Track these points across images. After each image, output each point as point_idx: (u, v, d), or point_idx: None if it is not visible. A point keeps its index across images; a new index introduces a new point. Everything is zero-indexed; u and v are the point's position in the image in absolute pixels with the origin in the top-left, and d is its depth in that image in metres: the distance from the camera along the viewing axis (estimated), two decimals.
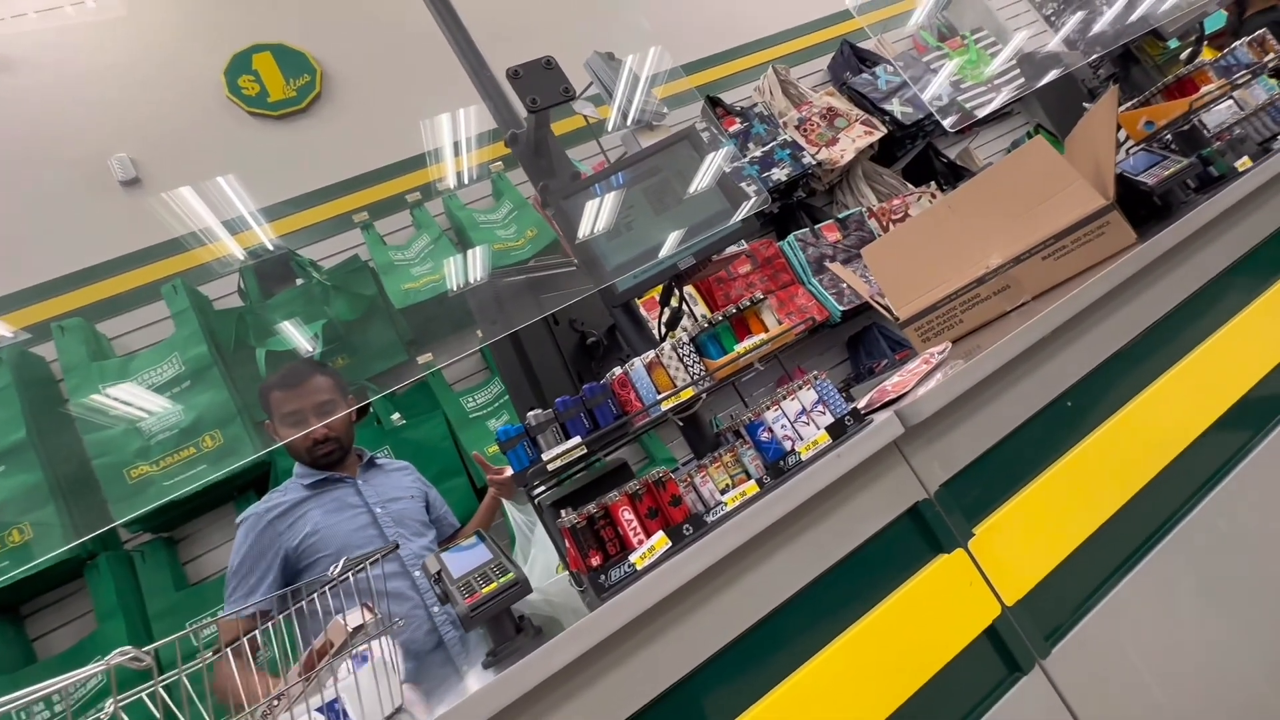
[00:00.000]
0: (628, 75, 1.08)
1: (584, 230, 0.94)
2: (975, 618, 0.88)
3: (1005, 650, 0.88)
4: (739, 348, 0.90)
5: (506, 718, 0.69)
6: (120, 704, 0.70)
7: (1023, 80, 3.55)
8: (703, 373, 0.90)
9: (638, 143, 1.03)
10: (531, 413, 0.82)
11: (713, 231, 0.93)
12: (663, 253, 0.93)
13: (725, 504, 0.84)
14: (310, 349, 2.14)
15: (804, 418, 0.90)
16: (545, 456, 0.78)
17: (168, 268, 2.40)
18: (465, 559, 0.81)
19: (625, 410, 0.85)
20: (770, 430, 0.89)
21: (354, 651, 0.75)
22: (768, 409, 0.90)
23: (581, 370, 1.05)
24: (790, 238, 2.70)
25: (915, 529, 0.91)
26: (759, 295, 0.94)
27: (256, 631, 0.76)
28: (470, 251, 2.39)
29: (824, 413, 0.91)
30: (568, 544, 0.84)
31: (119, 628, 1.85)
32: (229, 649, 0.74)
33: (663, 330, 1.06)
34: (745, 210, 0.91)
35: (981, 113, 3.45)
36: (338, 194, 2.65)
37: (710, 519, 0.82)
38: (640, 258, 0.92)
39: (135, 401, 2.01)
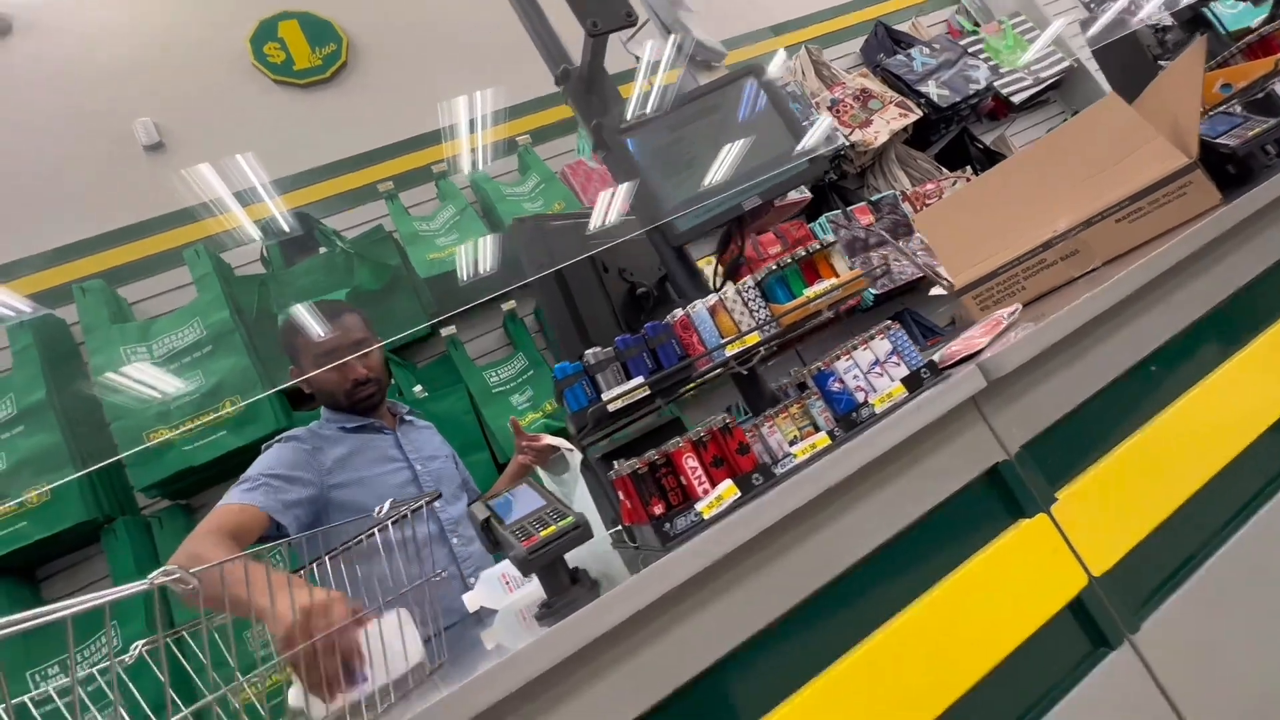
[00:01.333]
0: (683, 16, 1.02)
1: (642, 168, 0.88)
2: (1060, 588, 0.82)
3: (1092, 624, 0.82)
4: (808, 292, 0.84)
5: (562, 674, 0.63)
6: (145, 648, 0.66)
7: (1061, 66, 3.45)
8: (768, 318, 0.84)
9: (695, 82, 0.97)
10: (590, 350, 0.76)
11: (780, 170, 0.87)
12: (726, 191, 0.87)
13: (794, 455, 0.78)
14: None
15: (877, 369, 0.84)
16: (605, 396, 0.72)
17: (189, 234, 2.36)
18: (515, 505, 0.75)
19: (688, 353, 0.79)
20: (841, 381, 0.83)
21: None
22: (838, 359, 0.84)
23: (630, 322, 0.99)
24: (822, 219, 2.63)
25: (994, 492, 0.85)
26: (829, 239, 0.87)
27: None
28: (497, 222, 2.34)
29: (898, 364, 0.85)
30: (624, 495, 0.79)
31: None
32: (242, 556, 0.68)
33: (718, 281, 0.99)
34: (817, 143, 0.85)
35: (1018, 99, 3.36)
36: (361, 165, 2.61)
37: (779, 470, 0.76)
38: (702, 196, 0.86)
39: (156, 364, 1.97)
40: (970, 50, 3.25)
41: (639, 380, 0.74)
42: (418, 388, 2.22)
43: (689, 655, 0.69)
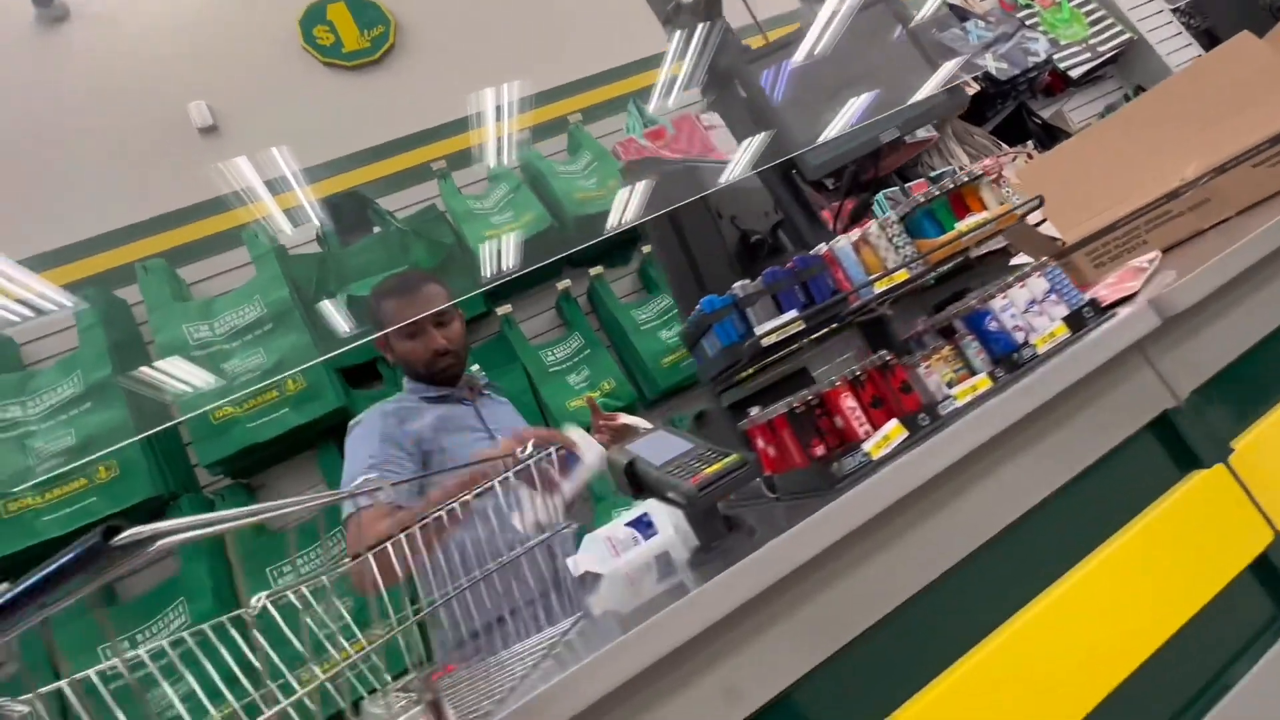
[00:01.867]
0: None
1: (770, 100, 0.83)
2: (1242, 545, 0.75)
3: None
4: (960, 225, 0.78)
5: (724, 629, 0.58)
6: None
7: (1120, 39, 3.33)
8: (914, 254, 0.78)
9: (814, 13, 0.91)
10: (739, 284, 0.71)
11: (921, 99, 0.81)
12: (862, 123, 0.81)
13: (955, 398, 0.72)
14: None
15: (1035, 308, 0.78)
16: (759, 330, 0.67)
17: (244, 215, 2.35)
18: (656, 448, 0.70)
19: (839, 288, 0.74)
20: (998, 320, 0.77)
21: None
22: (993, 298, 0.78)
23: (746, 270, 0.94)
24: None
25: (1164, 440, 0.78)
26: (977, 171, 0.81)
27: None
28: (550, 199, 2.30)
29: (1058, 303, 0.79)
30: (766, 441, 0.74)
31: (201, 569, 1.81)
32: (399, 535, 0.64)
33: (843, 225, 0.94)
34: (957, 71, 0.79)
35: (1076, 74, 3.25)
36: (410, 146, 2.59)
37: (944, 412, 0.70)
38: (838, 128, 0.81)
39: (218, 342, 1.96)
40: (1027, 22, 3.15)
41: (793, 314, 0.69)
42: (475, 367, 2.18)
43: (858, 609, 0.63)
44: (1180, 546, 0.74)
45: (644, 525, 0.95)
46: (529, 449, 0.67)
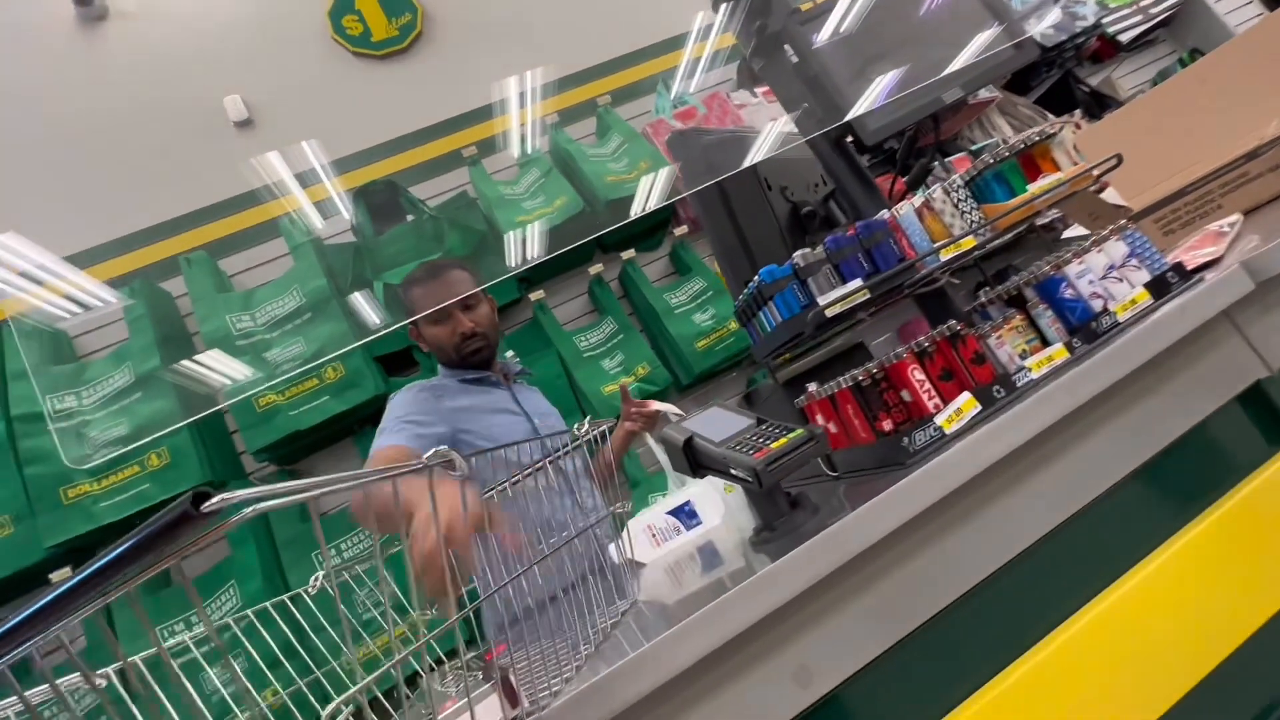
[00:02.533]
0: None
1: (825, 63, 0.79)
2: None
3: None
4: (1032, 188, 0.73)
5: (795, 609, 0.56)
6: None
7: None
8: (980, 220, 0.74)
9: None
10: (799, 252, 0.68)
11: (987, 56, 0.76)
12: (922, 84, 0.77)
13: (1029, 369, 0.68)
14: None
15: (1114, 273, 0.73)
16: (822, 300, 0.64)
17: (280, 207, 2.38)
18: (713, 425, 0.68)
19: (905, 255, 0.71)
20: (1074, 287, 0.72)
21: None
22: (1068, 264, 0.73)
23: (797, 244, 0.91)
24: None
25: (1256, 413, 0.73)
26: (1050, 130, 0.77)
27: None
28: (582, 183, 2.28)
29: (1139, 268, 0.74)
30: (828, 417, 0.71)
31: (251, 553, 1.85)
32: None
33: (899, 192, 0.90)
34: (1034, 25, 0.74)
35: (1126, 38, 3.09)
36: (441, 133, 2.59)
37: (1019, 384, 0.67)
38: (898, 89, 0.76)
39: (259, 331, 2.00)
40: None
41: (857, 283, 0.66)
42: (509, 353, 2.19)
43: (933, 589, 0.60)
44: (1273, 527, 0.69)
45: (687, 514, 0.93)
46: (585, 427, 0.66)
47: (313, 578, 0.75)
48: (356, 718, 0.40)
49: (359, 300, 2.12)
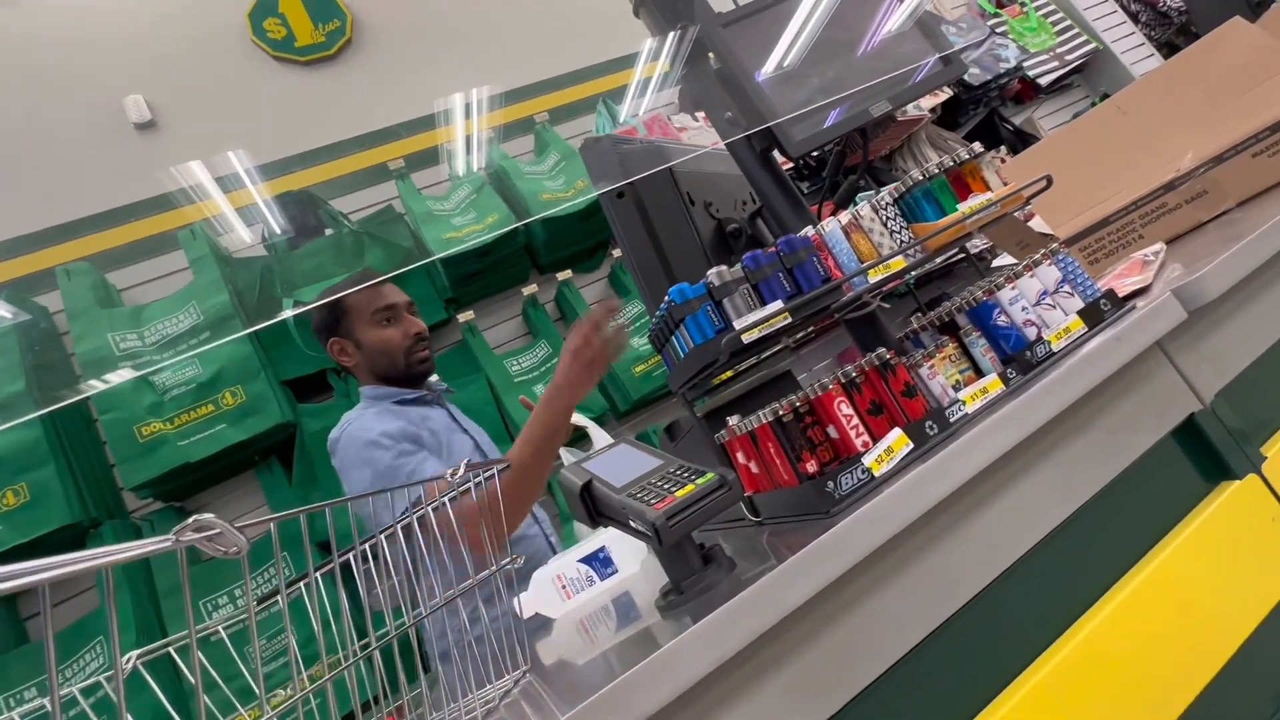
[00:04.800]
0: None
1: (746, 68, 0.73)
2: None
3: None
4: (963, 207, 0.69)
5: (702, 691, 0.47)
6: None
7: (1086, 49, 3.37)
8: (910, 240, 0.68)
9: None
10: (714, 270, 0.61)
11: (917, 73, 0.72)
12: (850, 95, 0.72)
13: (963, 402, 0.62)
14: None
15: (1047, 300, 0.69)
16: (738, 324, 0.57)
17: (184, 216, 2.18)
18: (617, 467, 0.59)
19: (831, 276, 0.64)
20: (1007, 314, 0.67)
21: None
22: (1001, 287, 0.68)
23: (720, 264, 0.84)
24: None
25: (1189, 448, 0.70)
26: (977, 149, 0.73)
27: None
28: (515, 200, 2.18)
29: (1071, 295, 0.70)
30: (748, 456, 0.63)
31: (124, 603, 1.62)
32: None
33: (826, 209, 0.85)
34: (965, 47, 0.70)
35: (1045, 81, 3.27)
36: (367, 145, 2.45)
37: (952, 419, 0.60)
38: (824, 99, 0.71)
39: (148, 352, 1.79)
40: (997, 30, 3.16)
41: (777, 305, 0.58)
42: (433, 377, 2.05)
43: (866, 655, 0.53)
44: (1217, 566, 0.65)
45: (601, 561, 0.83)
46: (461, 469, 0.55)
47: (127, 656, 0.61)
48: None
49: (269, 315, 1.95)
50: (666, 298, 0.61)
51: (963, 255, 0.85)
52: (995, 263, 1.54)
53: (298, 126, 2.42)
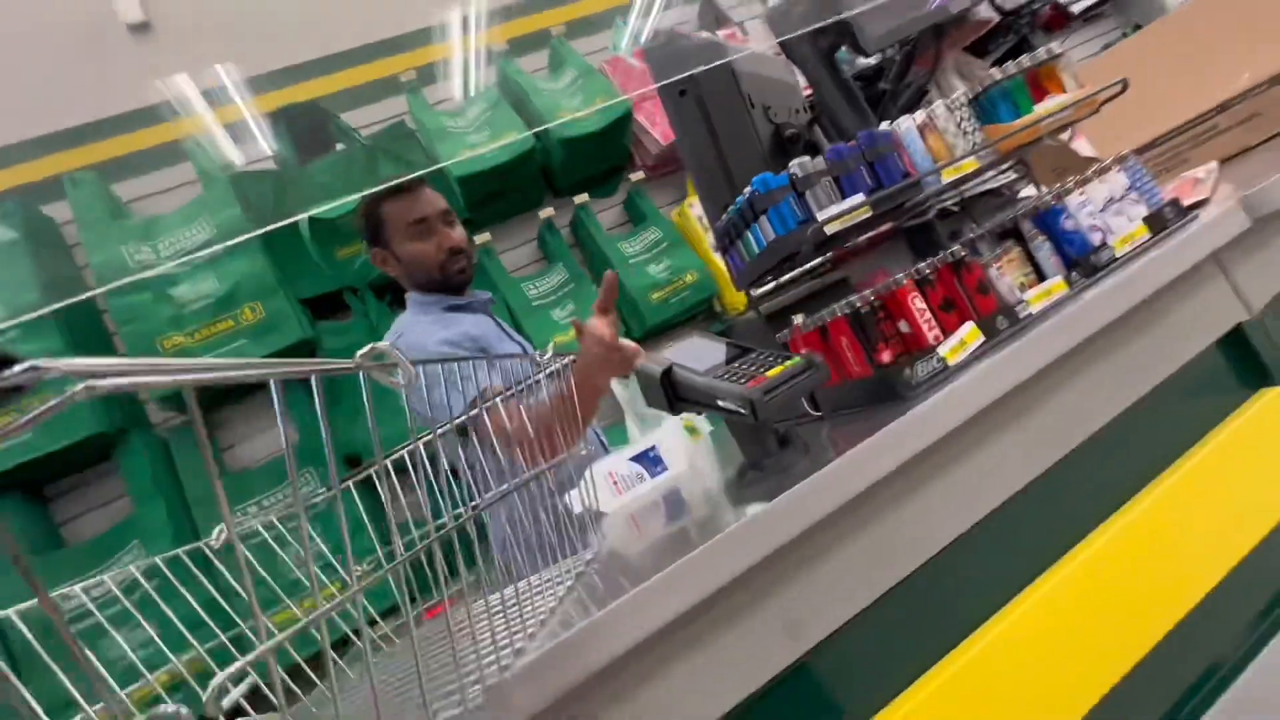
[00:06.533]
0: None
1: None
2: None
3: None
4: (1039, 108, 0.68)
5: (787, 553, 0.50)
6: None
7: None
8: (983, 142, 0.68)
9: None
10: (797, 161, 0.61)
11: None
12: None
13: (1028, 303, 0.64)
14: None
15: (1114, 206, 0.69)
16: (820, 216, 0.57)
17: (185, 127, 2.10)
18: (694, 356, 0.61)
19: (910, 172, 0.64)
20: (1074, 219, 0.68)
21: None
22: (1070, 193, 0.69)
23: (778, 170, 0.83)
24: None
25: (1234, 355, 0.73)
26: (1056, 49, 0.71)
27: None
28: (533, 117, 2.11)
29: (1137, 202, 0.70)
30: (823, 349, 0.65)
31: (158, 509, 1.67)
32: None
33: (896, 112, 0.83)
34: None
35: (1077, 8, 3.14)
36: (377, 54, 2.34)
37: (1022, 316, 0.62)
38: None
39: (163, 263, 1.77)
40: None
41: (859, 197, 0.59)
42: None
43: (931, 531, 0.56)
44: (1252, 467, 0.69)
45: (651, 460, 0.86)
46: (550, 354, 0.57)
47: (216, 529, 0.64)
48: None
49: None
50: (748, 188, 0.61)
51: (977, 195, 0.84)
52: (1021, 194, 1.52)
53: (304, 32, 2.29)
